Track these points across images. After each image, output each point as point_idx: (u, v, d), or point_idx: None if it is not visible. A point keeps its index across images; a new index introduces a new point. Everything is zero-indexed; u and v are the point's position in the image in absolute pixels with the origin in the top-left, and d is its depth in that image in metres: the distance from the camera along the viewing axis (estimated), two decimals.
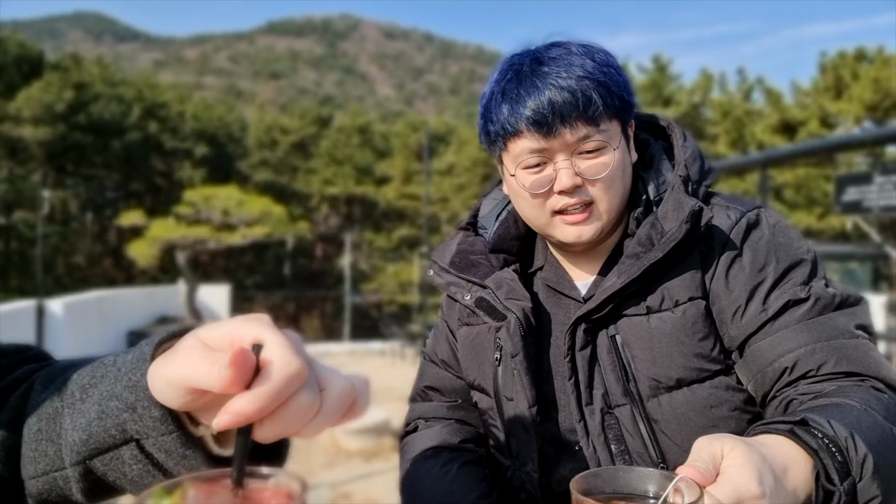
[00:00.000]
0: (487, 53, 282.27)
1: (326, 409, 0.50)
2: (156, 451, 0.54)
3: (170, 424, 0.53)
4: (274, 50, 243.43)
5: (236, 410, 0.47)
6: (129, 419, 0.54)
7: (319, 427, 0.50)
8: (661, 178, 1.08)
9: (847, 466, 0.76)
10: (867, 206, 7.59)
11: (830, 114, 21.47)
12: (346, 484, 5.71)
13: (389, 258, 32.21)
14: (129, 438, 0.54)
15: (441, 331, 1.26)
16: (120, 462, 0.56)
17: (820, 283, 0.99)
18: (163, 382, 0.51)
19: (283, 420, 0.48)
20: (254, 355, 0.47)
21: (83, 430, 0.56)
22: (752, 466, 0.72)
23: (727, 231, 1.01)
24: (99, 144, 30.12)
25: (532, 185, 1.01)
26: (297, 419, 0.49)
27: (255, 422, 0.48)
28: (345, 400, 0.51)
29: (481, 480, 1.10)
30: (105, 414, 0.55)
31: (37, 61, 30.17)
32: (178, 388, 0.50)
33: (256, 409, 0.47)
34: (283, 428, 0.49)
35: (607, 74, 1.00)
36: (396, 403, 8.11)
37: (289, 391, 0.48)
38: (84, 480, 0.58)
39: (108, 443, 0.55)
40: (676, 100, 25.00)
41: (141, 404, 0.54)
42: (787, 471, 0.75)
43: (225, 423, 0.47)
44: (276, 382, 0.47)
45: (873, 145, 9.60)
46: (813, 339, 0.93)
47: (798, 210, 21.56)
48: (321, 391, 0.50)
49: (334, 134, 37.54)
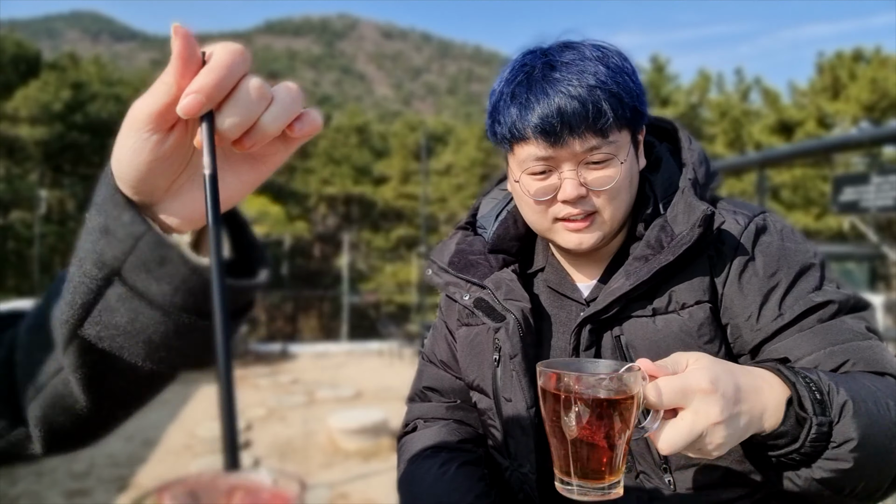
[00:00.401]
0: (485, 53, 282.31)
1: (279, 98, 0.51)
2: (136, 275, 0.53)
3: (140, 224, 0.52)
4: (272, 49, 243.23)
5: (196, 87, 0.48)
6: (105, 245, 0.53)
7: (277, 118, 0.51)
8: (669, 181, 1.07)
9: (825, 405, 0.80)
10: (864, 206, 7.61)
11: (828, 114, 21.51)
12: (344, 484, 5.71)
13: (387, 258, 32.20)
14: (110, 272, 0.53)
15: (440, 331, 1.25)
16: (108, 311, 0.54)
17: (832, 286, 1.00)
18: (125, 138, 0.51)
19: (239, 102, 0.49)
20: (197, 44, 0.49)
21: (67, 293, 0.55)
22: (709, 370, 0.77)
23: (737, 236, 1.01)
24: (96, 144, 30.05)
25: (536, 193, 1.01)
26: (254, 103, 0.50)
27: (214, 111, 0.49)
28: (295, 92, 0.52)
29: (479, 481, 1.10)
30: (82, 259, 0.54)
31: (34, 61, 30.11)
32: (141, 125, 0.50)
33: (213, 81, 0.48)
34: (243, 112, 0.49)
35: (620, 84, 0.97)
36: (394, 403, 8.11)
37: (238, 67, 0.49)
38: (81, 364, 0.56)
39: (91, 289, 0.54)
40: (674, 100, 25.02)
41: (111, 217, 0.53)
42: (759, 390, 0.80)
43: (189, 103, 0.47)
44: (224, 55, 0.49)
45: (870, 146, 9.61)
46: (829, 343, 0.94)
47: (795, 210, 21.59)
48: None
49: (332, 134, 37.51)
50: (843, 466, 0.80)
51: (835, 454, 0.80)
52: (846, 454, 0.80)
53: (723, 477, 0.99)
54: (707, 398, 0.74)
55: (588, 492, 0.72)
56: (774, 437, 0.80)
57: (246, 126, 0.50)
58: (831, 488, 0.83)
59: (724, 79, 29.38)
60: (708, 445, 0.75)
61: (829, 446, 0.80)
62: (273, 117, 0.51)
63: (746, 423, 0.77)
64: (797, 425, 0.80)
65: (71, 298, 0.54)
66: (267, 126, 0.51)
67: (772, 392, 0.81)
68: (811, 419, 0.79)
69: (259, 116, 0.51)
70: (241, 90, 0.50)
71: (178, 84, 0.48)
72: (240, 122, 0.50)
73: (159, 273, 0.52)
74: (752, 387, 0.79)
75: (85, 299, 0.54)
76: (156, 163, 0.52)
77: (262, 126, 0.51)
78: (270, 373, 12.07)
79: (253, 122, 0.50)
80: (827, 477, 0.81)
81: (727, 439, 0.75)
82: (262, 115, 0.51)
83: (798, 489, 0.85)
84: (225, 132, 0.50)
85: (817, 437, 0.79)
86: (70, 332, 0.55)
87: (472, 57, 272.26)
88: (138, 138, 0.51)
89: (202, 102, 0.48)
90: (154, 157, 0.52)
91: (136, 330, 0.54)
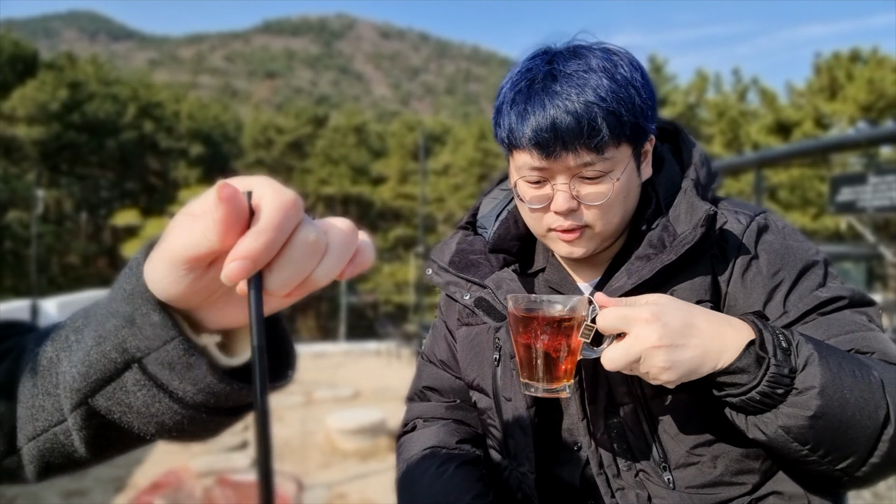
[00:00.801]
0: (483, 53, 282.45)
1: (334, 248, 0.47)
2: (159, 369, 0.50)
3: (171, 329, 0.50)
4: (269, 49, 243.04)
5: (242, 252, 0.43)
6: (129, 335, 0.50)
7: (330, 269, 0.47)
8: (671, 182, 1.07)
9: (789, 353, 0.84)
10: (861, 206, 7.63)
11: (825, 114, 21.55)
12: (343, 484, 5.71)
13: (385, 258, 32.18)
14: (130, 359, 0.51)
15: (439, 331, 1.25)
16: (123, 391, 0.52)
17: (836, 282, 1.01)
18: (159, 268, 0.48)
19: (291, 260, 0.45)
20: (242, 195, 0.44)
21: (81, 363, 0.53)
22: (657, 304, 0.87)
23: (739, 235, 1.02)
24: (94, 144, 30.02)
25: (531, 200, 1.01)
26: (306, 258, 0.45)
27: (263, 269, 0.45)
28: (351, 238, 0.48)
29: (478, 481, 1.10)
30: (103, 338, 0.51)
31: (31, 60, 30.06)
32: (178, 265, 0.46)
33: (263, 246, 0.43)
34: (293, 271, 0.45)
35: (623, 99, 0.94)
36: (392, 403, 8.11)
37: (290, 223, 0.44)
38: (86, 426, 0.54)
39: (108, 370, 0.51)
40: (672, 100, 25.06)
41: (139, 312, 0.50)
42: (721, 331, 0.86)
43: (234, 270, 0.43)
44: (274, 212, 0.44)
45: (868, 146, 9.63)
46: (832, 334, 0.95)
47: (793, 210, 21.63)
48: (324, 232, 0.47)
49: (330, 134, 37.50)
50: (806, 413, 0.82)
51: (796, 401, 0.83)
52: (807, 401, 0.82)
53: (722, 475, 0.99)
54: (647, 325, 0.83)
55: (545, 391, 0.92)
56: (731, 372, 0.84)
57: (296, 284, 0.46)
58: (799, 441, 0.85)
59: (722, 79, 29.42)
60: (651, 369, 0.84)
61: (792, 392, 0.83)
62: (326, 271, 0.47)
63: (698, 357, 0.84)
64: (756, 365, 0.83)
65: (85, 371, 0.52)
66: (319, 280, 0.47)
67: (736, 334, 0.86)
68: (769, 358, 0.83)
69: (311, 272, 0.46)
70: (293, 247, 0.45)
71: (221, 242, 0.44)
72: (290, 281, 0.45)
73: (184, 375, 0.50)
74: (712, 326, 0.86)
75: (100, 376, 0.52)
76: (192, 293, 0.49)
77: (313, 280, 0.47)
78: None
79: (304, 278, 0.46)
80: (790, 424, 0.83)
81: (670, 365, 0.83)
82: (315, 270, 0.47)
83: (766, 440, 0.87)
84: (273, 291, 0.45)
85: (775, 380, 0.82)
86: (79, 400, 0.53)
87: (470, 57, 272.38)
88: (173, 275, 0.47)
89: (249, 269, 0.43)
90: (191, 290, 0.49)
91: (150, 413, 0.52)
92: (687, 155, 1.10)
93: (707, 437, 0.99)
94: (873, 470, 0.87)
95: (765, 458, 1.00)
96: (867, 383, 0.86)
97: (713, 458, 0.99)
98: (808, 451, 0.86)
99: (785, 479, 1.00)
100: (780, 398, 0.83)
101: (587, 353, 0.90)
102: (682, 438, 0.99)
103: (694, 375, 0.85)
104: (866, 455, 0.86)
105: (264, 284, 0.45)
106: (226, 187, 0.42)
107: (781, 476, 1.01)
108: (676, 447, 1.00)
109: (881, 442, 0.86)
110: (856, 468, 0.87)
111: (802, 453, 0.86)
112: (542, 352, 0.90)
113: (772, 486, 1.00)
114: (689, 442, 0.99)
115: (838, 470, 0.87)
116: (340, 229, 0.48)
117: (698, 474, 0.99)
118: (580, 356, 0.91)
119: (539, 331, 0.89)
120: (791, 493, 0.99)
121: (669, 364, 0.83)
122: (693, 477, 0.99)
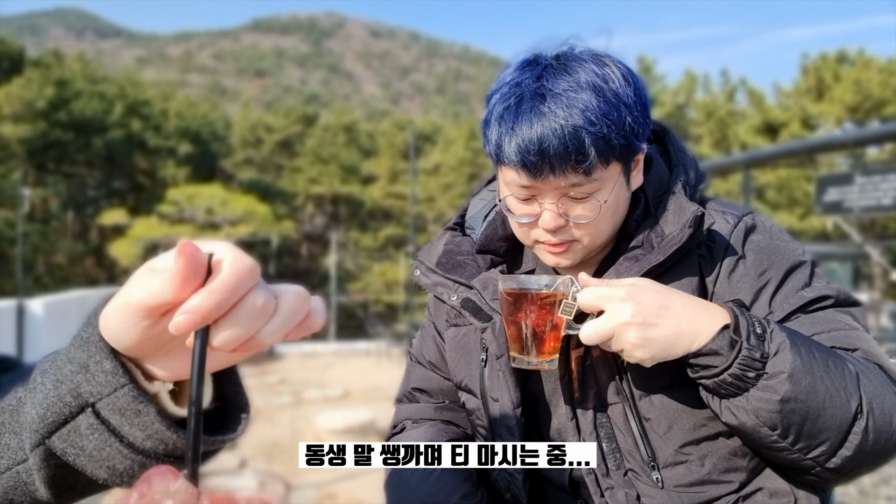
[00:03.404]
0: (473, 53, 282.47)
1: (282, 311, 0.49)
2: (111, 414, 0.52)
3: (122, 377, 0.51)
4: (259, 48, 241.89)
5: (192, 307, 0.45)
6: (83, 380, 0.52)
7: (275, 332, 0.49)
8: (659, 182, 1.08)
9: (762, 339, 0.86)
10: (848, 206, 7.70)
11: (812, 115, 21.72)
12: (332, 484, 5.69)
13: (375, 258, 32.12)
14: (84, 403, 0.53)
15: (428, 331, 1.25)
16: (77, 434, 0.54)
17: (822, 282, 1.02)
18: (116, 314, 0.50)
19: (239, 320, 0.47)
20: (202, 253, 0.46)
21: (40, 405, 0.55)
22: (634, 285, 0.91)
23: (727, 235, 1.02)
24: (80, 142, 29.76)
25: (519, 214, 1.01)
26: (253, 319, 0.47)
27: (210, 325, 0.47)
28: (300, 304, 0.50)
29: (466, 481, 1.10)
30: (60, 382, 0.54)
31: (17, 58, 29.75)
32: (132, 313, 0.48)
33: (212, 304, 0.45)
34: (239, 330, 0.47)
35: (612, 120, 0.92)
36: (382, 403, 8.09)
37: (243, 287, 0.47)
38: (45, 466, 0.56)
39: (64, 413, 0.53)
40: (661, 100, 25.16)
41: (93, 359, 0.52)
42: (697, 315, 0.88)
43: (182, 323, 0.45)
44: (229, 275, 0.46)
45: (854, 146, 9.72)
46: (816, 331, 0.96)
47: (780, 210, 21.79)
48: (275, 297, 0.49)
49: (320, 132, 37.36)
50: (775, 397, 0.84)
51: (766, 385, 0.85)
52: (776, 385, 0.84)
53: (710, 474, 0.99)
54: (622, 303, 0.88)
55: (529, 364, 0.97)
56: (705, 354, 0.87)
57: (241, 342, 0.48)
58: (768, 425, 0.86)
59: (711, 80, 29.59)
60: (625, 345, 0.88)
61: (763, 377, 0.85)
62: (271, 331, 0.49)
63: (671, 337, 0.87)
64: (729, 348, 0.86)
65: (43, 412, 0.54)
66: (263, 339, 0.49)
67: (712, 319, 0.88)
68: (742, 342, 0.85)
69: (257, 332, 0.48)
70: (243, 308, 0.47)
71: (175, 295, 0.46)
72: (234, 339, 0.47)
73: (134, 420, 0.52)
74: (688, 310, 0.89)
75: (56, 418, 0.54)
76: (145, 341, 0.51)
77: (257, 339, 0.49)
78: (257, 373, 12.00)
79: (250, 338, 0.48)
80: (760, 408, 0.86)
81: (641, 342, 0.87)
82: (261, 330, 0.48)
83: (738, 424, 0.89)
84: (218, 347, 0.47)
85: (747, 364, 0.85)
86: (38, 441, 0.55)
87: (461, 56, 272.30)
88: (128, 322, 0.49)
89: (196, 323, 0.46)
90: (143, 337, 0.50)
91: (102, 457, 0.54)
92: (675, 155, 1.10)
93: (695, 436, 1.00)
94: (846, 463, 0.88)
95: (752, 457, 1.01)
96: (840, 374, 0.87)
97: (701, 456, 1.00)
98: (777, 437, 0.87)
99: (772, 477, 1.01)
100: (751, 381, 0.85)
101: (569, 330, 0.95)
102: (670, 437, 1.00)
103: (668, 355, 0.88)
104: (837, 445, 0.87)
105: (210, 339, 0.47)
106: (187, 245, 0.45)
107: (768, 474, 1.01)
108: (665, 446, 1.00)
109: (852, 433, 0.87)
110: (826, 458, 0.88)
111: (772, 439, 0.87)
112: (530, 327, 0.95)
113: (759, 483, 1.01)
114: (677, 441, 1.00)
115: (809, 459, 0.88)
116: (292, 294, 0.50)
117: (686, 473, 1.00)
118: (562, 332, 0.96)
119: (526, 308, 0.95)
120: (778, 491, 1.00)
121: (641, 341, 0.86)
122: (681, 475, 1.00)
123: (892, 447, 0.90)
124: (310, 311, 0.51)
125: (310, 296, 0.51)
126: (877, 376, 0.92)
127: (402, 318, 18.76)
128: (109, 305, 0.51)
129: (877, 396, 0.89)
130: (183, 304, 0.46)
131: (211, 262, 0.47)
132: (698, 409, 0.99)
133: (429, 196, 32.12)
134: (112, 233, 27.70)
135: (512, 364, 1.00)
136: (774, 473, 1.01)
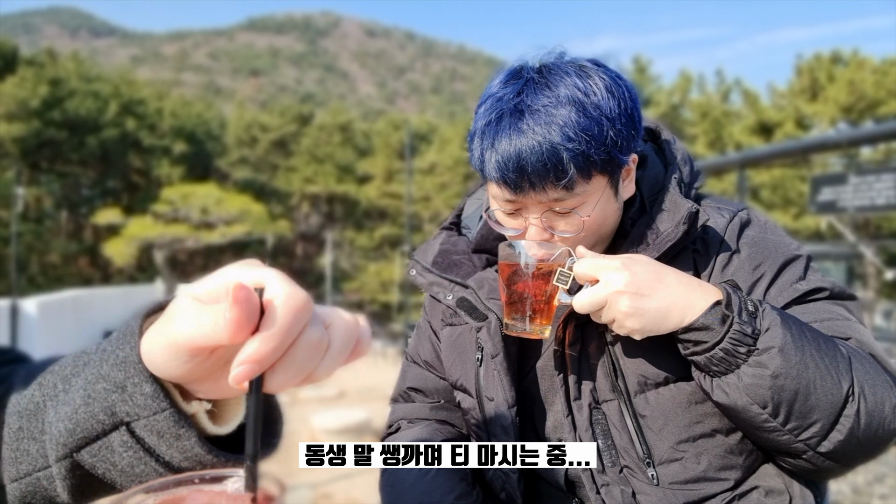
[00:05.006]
0: (469, 52, 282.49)
1: (335, 345, 0.47)
2: (147, 434, 0.51)
3: (162, 401, 0.50)
4: (254, 47, 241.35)
5: (251, 357, 0.43)
6: (119, 400, 0.50)
7: (330, 367, 0.47)
8: (654, 180, 1.08)
9: (754, 317, 0.87)
10: (842, 206, 7.73)
11: (806, 115, 21.79)
12: (328, 484, 5.68)
13: (371, 257, 32.07)
14: (119, 422, 0.51)
15: (423, 331, 1.25)
16: (109, 451, 0.52)
17: (817, 276, 1.04)
18: (163, 350, 0.48)
19: (295, 362, 0.45)
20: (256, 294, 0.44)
21: (69, 420, 0.53)
22: (630, 258, 0.92)
23: (721, 231, 1.03)
24: (75, 141, 29.62)
25: (506, 228, 1.03)
26: (309, 359, 0.46)
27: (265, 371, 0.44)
28: (351, 334, 0.49)
29: (461, 481, 1.10)
30: (92, 398, 0.52)
31: (11, 56, 29.59)
32: (182, 352, 0.47)
33: (271, 350, 0.43)
34: (295, 372, 0.45)
35: (592, 136, 0.91)
36: (378, 403, 8.09)
37: (298, 326, 0.45)
38: (71, 477, 0.54)
39: (96, 430, 0.52)
40: (656, 100, 25.21)
41: (131, 381, 0.50)
42: (690, 291, 0.89)
43: (242, 374, 0.43)
44: (285, 318, 0.44)
45: (848, 147, 9.75)
46: (809, 321, 0.96)
47: (774, 210, 21.86)
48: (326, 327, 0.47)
49: (315, 132, 37.29)
50: (765, 372, 0.85)
51: (757, 360, 0.85)
52: (767, 360, 0.85)
53: (705, 471, 1.00)
54: (616, 272, 0.89)
55: (522, 330, 0.98)
56: (697, 328, 0.87)
57: (296, 383, 0.46)
58: (759, 403, 0.87)
59: (706, 80, 29.68)
60: (617, 314, 0.89)
61: (754, 353, 0.86)
62: (327, 368, 0.47)
63: (663, 309, 0.88)
64: (720, 323, 0.86)
65: (72, 427, 0.52)
66: (318, 376, 0.47)
67: (705, 294, 0.89)
68: (733, 317, 0.86)
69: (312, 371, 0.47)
70: (298, 348, 0.45)
71: (231, 340, 0.44)
72: (291, 381, 0.46)
73: (173, 443, 0.51)
74: (681, 285, 0.90)
75: (87, 435, 0.52)
76: (191, 373, 0.49)
77: (312, 377, 0.47)
78: None
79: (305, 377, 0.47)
80: (751, 384, 0.86)
81: (633, 311, 0.88)
82: (316, 367, 0.47)
83: (729, 401, 0.89)
84: (273, 390, 0.45)
85: (738, 339, 0.85)
86: (65, 454, 0.53)
87: (456, 56, 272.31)
88: (177, 360, 0.48)
89: (255, 372, 0.43)
90: (189, 373, 0.49)
91: (135, 473, 0.52)
92: (670, 154, 1.11)
93: (690, 434, 1.00)
94: (838, 447, 0.88)
95: (748, 455, 1.01)
96: (832, 356, 0.87)
97: (697, 454, 1.00)
98: (768, 416, 0.87)
99: (767, 475, 1.01)
100: (742, 357, 0.86)
101: (563, 299, 0.97)
102: (665, 434, 1.00)
103: (659, 328, 0.89)
104: (829, 427, 0.87)
105: (265, 384, 0.45)
106: (241, 289, 0.42)
107: (763, 471, 1.02)
108: (660, 443, 1.00)
109: (843, 416, 0.87)
110: (818, 441, 0.88)
111: (763, 418, 0.87)
112: (527, 295, 0.97)
113: (754, 481, 1.01)
114: (672, 438, 1.00)
115: (800, 441, 0.88)
116: (343, 324, 0.48)
117: (682, 470, 1.00)
118: (556, 302, 0.98)
119: (523, 276, 0.97)
120: (773, 488, 1.00)
121: (633, 310, 0.88)
122: (677, 473, 1.00)
123: (884, 436, 0.90)
124: (359, 337, 0.49)
125: (358, 322, 0.50)
126: (869, 363, 0.92)
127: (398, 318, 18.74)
128: (154, 335, 0.49)
129: (868, 382, 0.89)
130: (238, 349, 0.43)
131: (263, 301, 0.44)
132: (694, 407, 1.00)
133: (424, 196, 32.10)
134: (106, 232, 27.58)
135: (505, 331, 1.01)
136: (770, 472, 1.02)
